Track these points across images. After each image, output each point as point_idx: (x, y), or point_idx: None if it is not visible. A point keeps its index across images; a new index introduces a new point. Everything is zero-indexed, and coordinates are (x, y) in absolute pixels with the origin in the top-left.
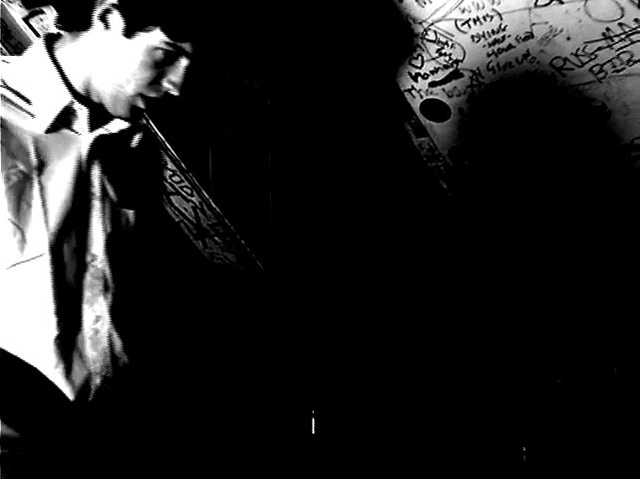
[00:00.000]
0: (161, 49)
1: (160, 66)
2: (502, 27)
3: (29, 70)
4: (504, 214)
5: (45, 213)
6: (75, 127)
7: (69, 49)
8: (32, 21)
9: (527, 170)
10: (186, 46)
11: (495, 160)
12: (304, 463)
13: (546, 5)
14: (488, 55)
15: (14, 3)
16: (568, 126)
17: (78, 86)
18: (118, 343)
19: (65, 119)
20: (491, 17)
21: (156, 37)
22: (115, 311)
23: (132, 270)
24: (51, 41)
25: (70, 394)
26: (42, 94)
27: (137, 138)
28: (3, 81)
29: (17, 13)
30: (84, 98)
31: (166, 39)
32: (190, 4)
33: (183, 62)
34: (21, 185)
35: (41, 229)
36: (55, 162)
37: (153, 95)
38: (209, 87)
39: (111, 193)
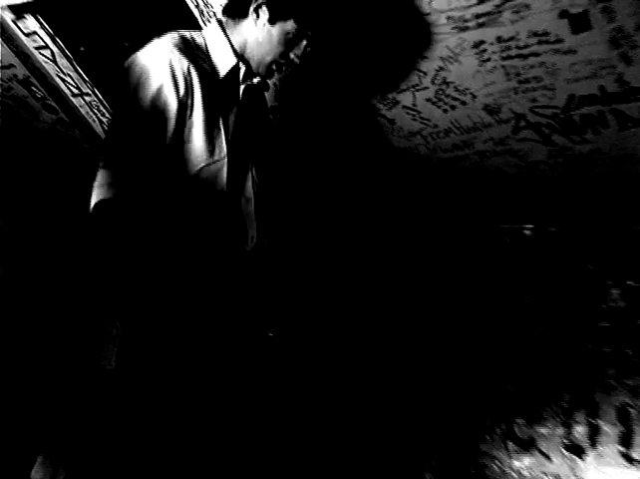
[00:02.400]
0: (292, 33)
1: (289, 44)
2: None
3: (214, 42)
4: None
5: (226, 133)
6: (240, 79)
7: (231, 30)
8: (18, 22)
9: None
10: (308, 32)
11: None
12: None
13: None
14: None
15: (6, 10)
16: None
17: (239, 56)
18: (261, 218)
19: (233, 73)
20: None
21: (289, 25)
22: (258, 197)
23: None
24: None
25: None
26: (221, 57)
27: (267, 88)
28: (206, 47)
29: (8, 17)
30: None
31: (296, 26)
32: (310, 7)
33: (304, 42)
34: (212, 115)
35: (223, 143)
36: (228, 100)
37: (282, 62)
38: None
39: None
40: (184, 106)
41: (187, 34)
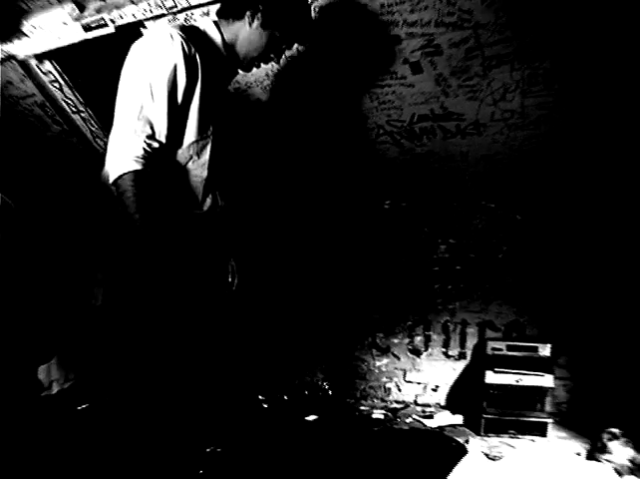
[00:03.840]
0: (277, 38)
1: (272, 46)
2: None
3: (209, 34)
4: None
5: (212, 114)
6: (226, 70)
7: (224, 28)
8: (40, 65)
9: None
10: (289, 40)
11: None
12: None
13: None
14: None
15: (32, 58)
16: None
17: (228, 48)
18: (212, 175)
19: (222, 64)
20: None
21: (277, 32)
22: (212, 158)
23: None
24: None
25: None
26: (213, 49)
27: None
28: (204, 37)
29: (33, 62)
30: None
31: (281, 34)
32: (293, 24)
33: (284, 46)
34: (206, 96)
35: (210, 123)
36: (215, 87)
37: (263, 59)
38: None
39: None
40: (189, 85)
41: (187, 24)
